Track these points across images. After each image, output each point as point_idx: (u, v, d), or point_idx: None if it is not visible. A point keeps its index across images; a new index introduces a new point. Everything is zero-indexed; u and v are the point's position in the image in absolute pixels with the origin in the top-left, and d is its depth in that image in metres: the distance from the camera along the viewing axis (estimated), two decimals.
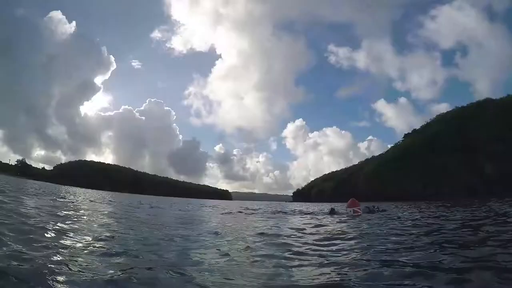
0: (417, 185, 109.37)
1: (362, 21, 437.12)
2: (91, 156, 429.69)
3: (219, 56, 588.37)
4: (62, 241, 7.60)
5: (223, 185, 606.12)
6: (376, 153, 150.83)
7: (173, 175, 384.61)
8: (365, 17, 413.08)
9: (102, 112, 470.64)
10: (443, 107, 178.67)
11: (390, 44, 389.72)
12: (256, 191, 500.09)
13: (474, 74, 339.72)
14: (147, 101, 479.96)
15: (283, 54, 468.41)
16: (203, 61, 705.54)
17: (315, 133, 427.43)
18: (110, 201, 35.98)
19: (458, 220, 15.99)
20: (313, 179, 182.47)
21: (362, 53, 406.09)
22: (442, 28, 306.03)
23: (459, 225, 13.37)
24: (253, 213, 29.50)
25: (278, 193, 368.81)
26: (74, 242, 7.84)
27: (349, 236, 11.12)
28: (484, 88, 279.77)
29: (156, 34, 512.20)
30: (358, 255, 7.79)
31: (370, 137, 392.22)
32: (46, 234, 8.18)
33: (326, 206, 36.92)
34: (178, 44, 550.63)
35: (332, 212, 27.57)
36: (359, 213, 25.12)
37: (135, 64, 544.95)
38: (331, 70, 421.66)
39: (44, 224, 9.72)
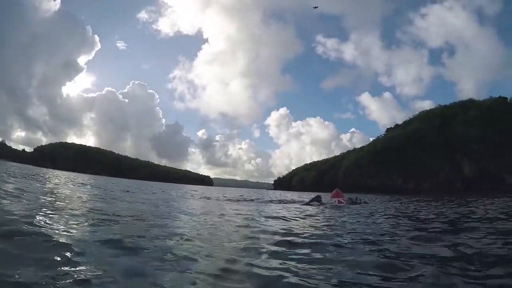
0: (397, 180, 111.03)
1: (352, 14, 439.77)
2: (73, 138, 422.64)
3: (206, 41, 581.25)
4: None
5: (204, 170, 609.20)
6: (358, 145, 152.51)
7: (155, 159, 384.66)
8: (356, 9, 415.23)
9: (85, 93, 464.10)
10: (426, 104, 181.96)
11: (378, 39, 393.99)
12: (238, 178, 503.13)
13: (460, 74, 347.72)
14: (130, 83, 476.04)
15: (271, 42, 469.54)
16: (189, 45, 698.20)
17: (299, 122, 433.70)
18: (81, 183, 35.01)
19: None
20: (294, 168, 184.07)
21: (350, 46, 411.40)
22: (431, 26, 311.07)
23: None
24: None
25: (260, 181, 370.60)
26: None
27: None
28: (468, 88, 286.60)
29: (143, 15, 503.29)
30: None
31: (353, 129, 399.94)
32: None
33: (310, 196, 37.37)
34: (165, 26, 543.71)
35: (316, 199, 27.03)
36: (343, 204, 25.95)
37: (120, 45, 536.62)
38: (318, 60, 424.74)
39: None
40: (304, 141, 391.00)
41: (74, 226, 8.09)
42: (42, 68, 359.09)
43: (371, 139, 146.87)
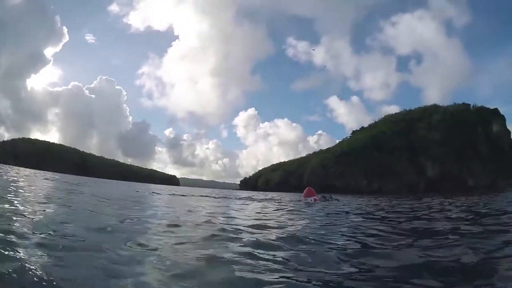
0: (361, 181, 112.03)
1: (324, 18, 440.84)
2: (36, 134, 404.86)
3: (177, 37, 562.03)
4: None
5: (171, 170, 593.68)
6: (325, 148, 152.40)
7: (120, 157, 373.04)
8: (328, 14, 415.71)
9: (50, 87, 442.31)
10: (393, 109, 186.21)
11: (348, 44, 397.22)
12: (204, 178, 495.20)
13: (426, 81, 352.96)
14: (98, 78, 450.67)
15: (242, 41, 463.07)
16: (160, 41, 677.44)
17: (266, 123, 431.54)
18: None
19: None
20: (261, 169, 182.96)
21: (321, 49, 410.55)
22: (401, 34, 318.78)
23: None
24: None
25: (226, 181, 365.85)
26: None
27: None
28: (433, 95, 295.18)
29: (114, 8, 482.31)
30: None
31: (320, 132, 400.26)
32: None
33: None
34: (135, 20, 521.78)
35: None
36: (317, 201, 26.47)
37: (89, 38, 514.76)
38: (288, 62, 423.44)
39: None
40: (272, 142, 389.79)
41: None
42: (5, 59, 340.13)
43: (337, 142, 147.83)
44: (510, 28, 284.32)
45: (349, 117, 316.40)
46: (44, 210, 10.34)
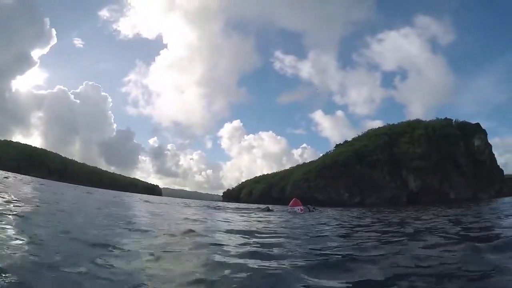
0: (343, 194, 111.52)
1: (312, 32, 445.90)
2: (18, 137, 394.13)
3: (165, 46, 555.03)
4: None
5: (154, 180, 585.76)
6: (309, 161, 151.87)
7: (103, 165, 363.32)
8: (316, 29, 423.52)
9: (35, 90, 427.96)
10: (377, 124, 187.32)
11: (335, 59, 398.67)
12: (187, 188, 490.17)
13: (410, 97, 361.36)
14: (84, 83, 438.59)
15: (230, 53, 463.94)
16: (148, 49, 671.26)
17: (251, 135, 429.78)
18: None
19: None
20: (244, 181, 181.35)
21: (307, 64, 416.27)
22: (386, 51, 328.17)
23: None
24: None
25: (209, 192, 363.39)
26: None
27: None
28: (416, 110, 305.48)
29: (104, 13, 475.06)
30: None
31: (304, 145, 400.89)
32: None
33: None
34: (125, 27, 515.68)
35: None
36: (303, 211, 28.34)
37: (78, 42, 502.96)
38: (275, 75, 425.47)
39: None
40: (256, 155, 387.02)
41: None
42: None
43: (321, 155, 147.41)
44: (493, 47, 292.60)
45: (333, 131, 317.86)
46: None
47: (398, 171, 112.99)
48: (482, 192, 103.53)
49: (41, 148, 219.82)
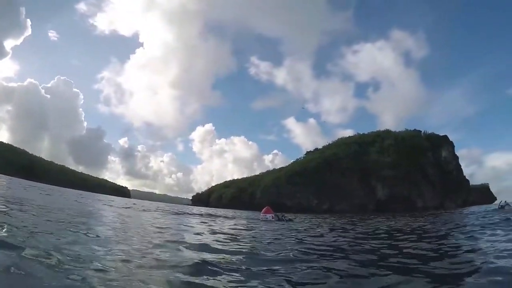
0: (312, 200, 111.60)
1: (289, 40, 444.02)
2: None
3: (141, 44, 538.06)
4: None
5: (123, 181, 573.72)
6: (279, 167, 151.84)
7: (71, 164, 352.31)
8: (293, 36, 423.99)
9: (5, 82, 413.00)
10: (348, 133, 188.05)
11: (310, 67, 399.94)
12: (157, 191, 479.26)
13: (382, 108, 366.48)
14: (56, 78, 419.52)
15: (206, 56, 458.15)
16: (123, 46, 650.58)
17: (223, 140, 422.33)
18: None
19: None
20: (214, 185, 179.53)
21: (283, 70, 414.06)
22: (361, 62, 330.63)
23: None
24: None
25: (179, 196, 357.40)
26: None
27: None
28: (387, 121, 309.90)
29: (82, 7, 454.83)
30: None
31: (275, 151, 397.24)
32: None
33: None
34: (102, 22, 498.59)
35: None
36: (274, 219, 29.30)
37: (52, 35, 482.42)
38: (250, 80, 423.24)
39: None
40: (227, 159, 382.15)
41: None
42: None
43: (292, 162, 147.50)
44: (463, 62, 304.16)
45: (305, 138, 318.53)
46: None
47: (367, 180, 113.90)
48: (449, 201, 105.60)
49: (8, 143, 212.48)
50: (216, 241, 11.95)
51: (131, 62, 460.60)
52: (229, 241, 11.88)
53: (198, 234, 14.33)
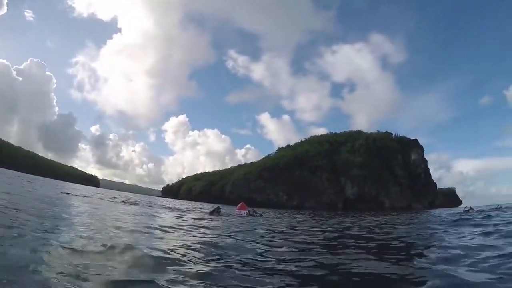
0: (282, 196, 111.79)
1: (269, 36, 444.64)
2: None
3: (119, 30, 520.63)
4: None
5: (93, 170, 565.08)
6: (251, 161, 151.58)
7: (40, 150, 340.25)
8: (273, 33, 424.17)
9: None
10: (321, 131, 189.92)
11: (288, 64, 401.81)
12: (127, 181, 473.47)
13: (356, 109, 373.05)
14: (29, 60, 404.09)
15: (185, 46, 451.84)
16: (100, 31, 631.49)
17: (196, 132, 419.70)
18: None
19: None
20: (185, 177, 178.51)
21: (260, 66, 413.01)
22: (338, 63, 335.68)
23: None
24: None
25: (149, 187, 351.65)
26: None
27: None
28: (360, 122, 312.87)
29: None
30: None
31: (248, 146, 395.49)
32: None
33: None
34: (80, 4, 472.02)
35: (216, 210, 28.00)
36: (247, 215, 28.41)
37: (28, 15, 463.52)
38: (227, 74, 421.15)
39: None
40: (199, 151, 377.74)
41: None
42: None
43: (263, 157, 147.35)
44: (438, 70, 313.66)
45: (278, 134, 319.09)
46: None
47: (337, 178, 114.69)
48: (416, 202, 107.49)
49: None
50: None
51: (108, 48, 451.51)
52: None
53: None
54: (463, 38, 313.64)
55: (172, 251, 6.81)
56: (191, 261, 6.14)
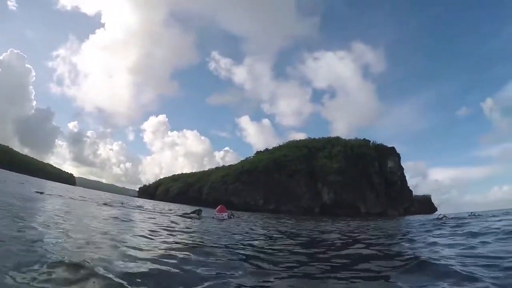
0: (259, 200, 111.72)
1: (252, 39, 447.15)
2: None
3: (103, 25, 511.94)
4: None
5: (69, 168, 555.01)
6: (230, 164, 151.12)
7: (16, 145, 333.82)
8: (257, 36, 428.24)
9: None
10: (300, 136, 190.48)
11: (270, 68, 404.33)
12: (104, 180, 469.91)
13: (335, 115, 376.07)
14: (8, 51, 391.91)
15: (168, 45, 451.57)
16: (84, 25, 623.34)
17: (175, 132, 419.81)
18: None
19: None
20: (162, 178, 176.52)
21: (243, 69, 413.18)
22: (320, 69, 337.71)
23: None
24: None
25: (126, 187, 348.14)
26: None
27: None
28: (339, 128, 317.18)
29: None
30: None
31: (227, 148, 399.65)
32: None
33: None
34: None
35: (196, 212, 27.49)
36: (227, 218, 27.48)
37: (11, 4, 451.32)
38: (209, 75, 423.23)
39: None
40: (178, 152, 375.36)
41: None
42: None
43: (241, 160, 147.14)
44: (417, 81, 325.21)
45: (257, 138, 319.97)
46: None
47: (314, 183, 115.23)
48: (391, 209, 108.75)
49: None
50: None
51: (90, 42, 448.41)
52: None
53: None
54: (442, 51, 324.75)
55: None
56: None
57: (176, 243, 8.72)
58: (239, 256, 7.33)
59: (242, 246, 9.15)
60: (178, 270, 5.39)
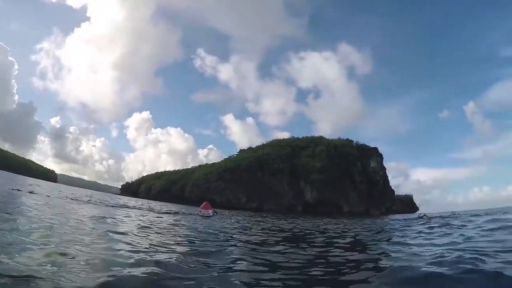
0: (241, 198, 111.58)
1: (239, 38, 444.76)
2: None
3: (88, 19, 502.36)
4: None
5: (51, 164, 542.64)
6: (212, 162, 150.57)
7: None
8: (244, 35, 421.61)
9: None
10: (284, 135, 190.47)
11: (255, 67, 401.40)
12: (86, 177, 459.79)
13: (319, 115, 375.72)
14: None
15: (154, 41, 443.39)
16: (69, 18, 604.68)
17: (159, 129, 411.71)
18: None
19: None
20: (145, 175, 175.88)
21: (228, 67, 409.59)
22: (305, 69, 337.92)
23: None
24: None
25: (109, 184, 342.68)
26: None
27: None
28: (323, 128, 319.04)
29: None
30: None
31: (211, 146, 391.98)
32: None
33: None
34: None
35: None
36: (211, 215, 29.26)
37: None
38: (194, 72, 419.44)
39: None
40: (161, 149, 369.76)
41: None
42: None
43: (224, 158, 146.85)
44: (401, 83, 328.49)
45: (241, 136, 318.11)
46: None
47: (296, 182, 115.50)
48: (373, 208, 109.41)
49: None
50: None
51: (74, 36, 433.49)
52: None
53: None
54: (427, 54, 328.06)
55: None
56: None
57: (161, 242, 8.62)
58: (228, 253, 7.44)
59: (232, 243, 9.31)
60: (166, 271, 5.12)
